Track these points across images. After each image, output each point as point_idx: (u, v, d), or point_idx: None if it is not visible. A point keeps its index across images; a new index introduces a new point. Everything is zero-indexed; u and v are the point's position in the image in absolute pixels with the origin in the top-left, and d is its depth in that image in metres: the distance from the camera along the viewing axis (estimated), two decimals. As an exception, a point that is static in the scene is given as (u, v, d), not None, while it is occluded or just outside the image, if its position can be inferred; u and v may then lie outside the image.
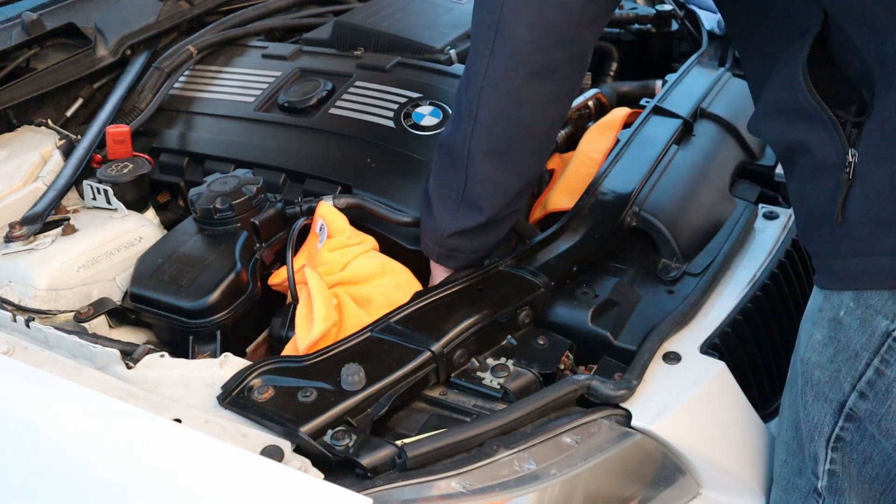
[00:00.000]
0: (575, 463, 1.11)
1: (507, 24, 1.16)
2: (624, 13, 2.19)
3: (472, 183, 1.29)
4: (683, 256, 1.43)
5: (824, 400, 1.12)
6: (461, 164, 1.29)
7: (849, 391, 1.09)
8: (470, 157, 1.27)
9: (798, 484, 1.19)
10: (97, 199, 1.59)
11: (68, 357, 1.21)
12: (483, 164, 1.28)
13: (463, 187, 1.30)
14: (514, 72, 1.19)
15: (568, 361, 1.27)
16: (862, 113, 1.04)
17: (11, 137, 1.74)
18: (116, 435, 1.06)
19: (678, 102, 1.71)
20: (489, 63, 1.20)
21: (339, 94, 1.76)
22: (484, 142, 1.26)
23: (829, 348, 1.10)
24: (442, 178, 1.34)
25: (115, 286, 1.47)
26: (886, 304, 1.03)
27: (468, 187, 1.30)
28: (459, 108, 1.28)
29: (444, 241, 1.36)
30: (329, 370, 1.16)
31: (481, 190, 1.30)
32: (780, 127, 1.13)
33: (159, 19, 1.98)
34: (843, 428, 1.11)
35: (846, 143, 1.04)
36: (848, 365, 1.08)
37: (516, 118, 1.24)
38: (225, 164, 1.66)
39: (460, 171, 1.29)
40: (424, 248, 1.41)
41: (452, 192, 1.32)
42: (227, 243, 1.44)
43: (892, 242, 1.01)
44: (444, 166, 1.33)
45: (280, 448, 1.05)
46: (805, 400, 1.15)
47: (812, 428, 1.14)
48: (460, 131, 1.27)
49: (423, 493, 1.06)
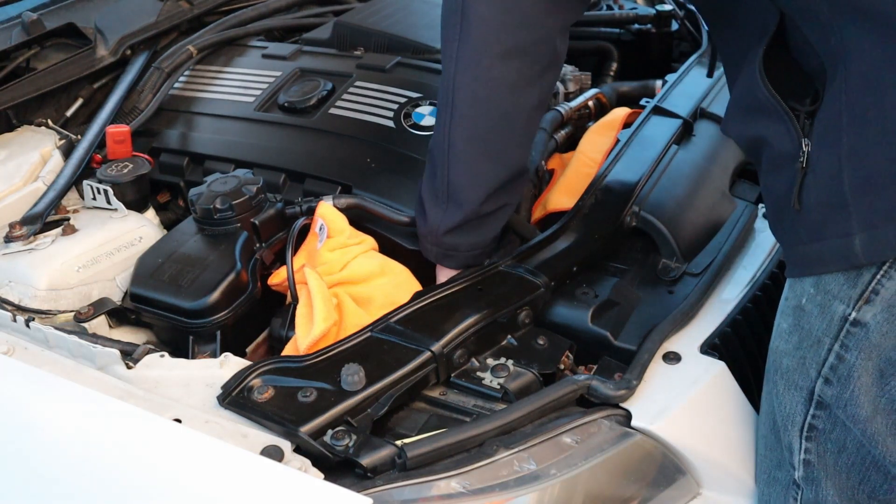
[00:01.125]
0: (575, 463, 1.11)
1: (471, 7, 1.20)
2: (624, 13, 2.19)
3: (454, 174, 1.32)
4: (683, 256, 1.43)
5: (794, 388, 1.13)
6: (444, 156, 1.31)
7: (815, 377, 1.10)
8: (451, 146, 1.30)
9: (778, 477, 1.20)
10: (97, 199, 1.59)
11: (68, 357, 1.21)
12: (464, 153, 1.30)
13: (447, 181, 1.32)
14: (483, 53, 1.23)
15: (568, 361, 1.27)
16: (815, 104, 1.07)
17: (11, 137, 1.74)
18: (116, 435, 1.06)
19: (678, 102, 1.71)
20: (458, 47, 1.24)
21: (339, 94, 1.76)
22: (462, 128, 1.28)
23: (795, 336, 1.12)
24: (431, 176, 1.36)
25: (115, 286, 1.47)
26: (843, 289, 1.04)
27: (451, 180, 1.32)
28: (439, 100, 1.31)
29: (440, 240, 1.37)
30: (329, 370, 1.16)
31: (465, 181, 1.32)
32: (743, 124, 1.16)
33: (159, 19, 1.98)
34: (815, 416, 1.12)
35: (800, 133, 1.06)
36: (812, 351, 1.10)
37: (491, 101, 1.27)
38: (225, 164, 1.66)
39: (444, 164, 1.32)
40: (424, 251, 1.42)
41: (439, 188, 1.34)
42: (227, 243, 1.44)
43: (841, 226, 1.02)
44: (432, 164, 1.35)
45: (280, 448, 1.05)
46: (777, 389, 1.16)
47: (785, 417, 1.16)
48: (440, 122, 1.31)
49: (423, 493, 1.06)
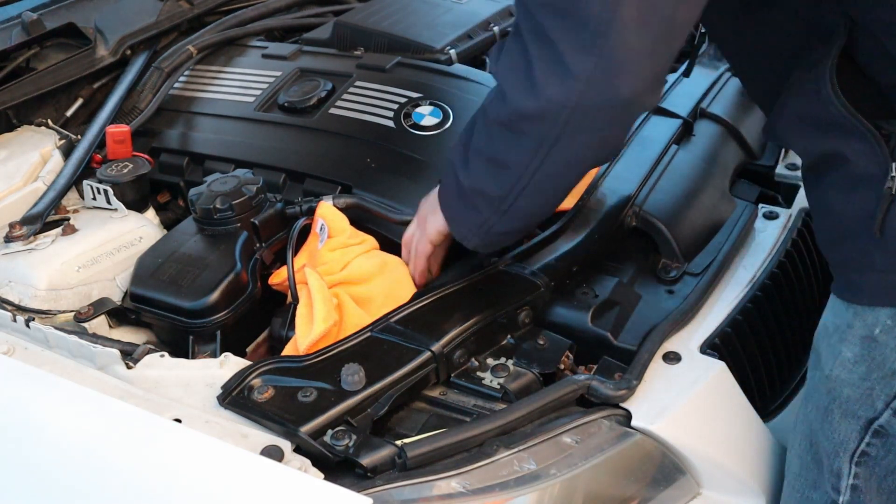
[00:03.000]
0: (575, 463, 1.11)
1: (613, 35, 0.99)
2: (624, 13, 2.18)
3: (526, 202, 1.17)
4: (683, 256, 1.43)
5: (852, 417, 1.10)
6: (519, 178, 1.14)
7: (882, 409, 1.07)
8: (535, 176, 1.12)
9: (813, 497, 1.18)
10: (97, 199, 1.59)
11: (68, 357, 1.21)
12: (545, 190, 1.16)
13: (515, 202, 1.17)
14: (624, 87, 1.02)
15: (568, 361, 1.27)
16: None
17: (11, 137, 1.74)
18: (116, 435, 1.06)
19: (678, 102, 1.71)
20: (591, 74, 1.00)
21: (339, 94, 1.76)
22: (558, 164, 1.12)
23: (862, 366, 1.07)
24: (492, 178, 1.18)
25: (115, 286, 1.47)
26: None
27: (520, 205, 1.17)
28: (532, 117, 1.09)
29: (488, 234, 1.24)
30: (329, 370, 1.16)
31: (534, 210, 1.22)
32: (811, 139, 1.09)
33: (159, 19, 1.98)
34: (869, 444, 1.10)
35: (889, 157, 1.00)
36: (883, 383, 1.06)
37: (607, 142, 1.12)
38: (225, 164, 1.66)
39: (517, 186, 1.15)
40: (461, 237, 1.28)
41: (502, 200, 1.17)
42: (227, 243, 1.43)
43: None
44: (496, 170, 1.17)
45: (280, 448, 1.05)
46: (830, 417, 1.12)
47: (837, 444, 1.12)
48: (531, 142, 1.10)
49: (423, 493, 1.06)
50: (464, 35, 1.94)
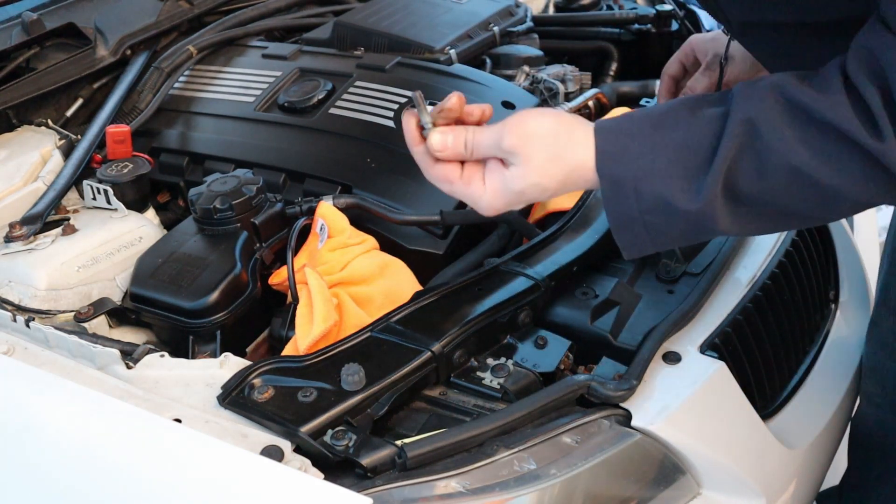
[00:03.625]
0: (575, 463, 1.11)
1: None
2: (624, 13, 2.19)
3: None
4: (683, 256, 1.43)
5: None
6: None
7: None
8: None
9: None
10: (97, 199, 1.59)
11: (68, 357, 1.21)
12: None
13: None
14: None
15: (568, 361, 1.27)
16: None
17: (11, 137, 1.74)
18: (116, 435, 1.06)
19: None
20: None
21: (339, 94, 1.76)
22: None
23: None
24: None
25: (115, 286, 1.47)
26: None
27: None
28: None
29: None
30: (329, 370, 1.16)
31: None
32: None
33: (159, 19, 1.98)
34: None
35: None
36: None
37: None
38: (225, 164, 1.66)
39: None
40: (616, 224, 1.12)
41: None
42: (227, 243, 1.44)
43: None
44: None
45: (280, 448, 1.05)
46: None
47: None
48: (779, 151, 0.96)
49: (423, 493, 1.06)
50: (464, 35, 1.94)
